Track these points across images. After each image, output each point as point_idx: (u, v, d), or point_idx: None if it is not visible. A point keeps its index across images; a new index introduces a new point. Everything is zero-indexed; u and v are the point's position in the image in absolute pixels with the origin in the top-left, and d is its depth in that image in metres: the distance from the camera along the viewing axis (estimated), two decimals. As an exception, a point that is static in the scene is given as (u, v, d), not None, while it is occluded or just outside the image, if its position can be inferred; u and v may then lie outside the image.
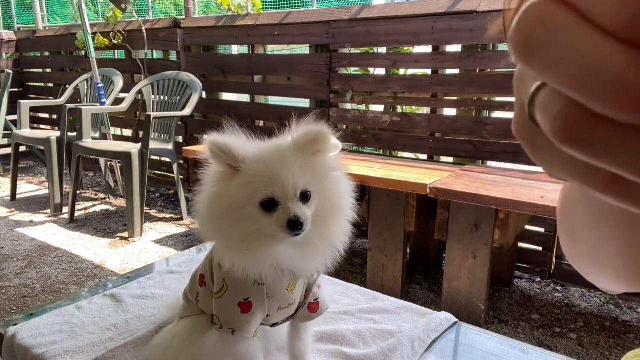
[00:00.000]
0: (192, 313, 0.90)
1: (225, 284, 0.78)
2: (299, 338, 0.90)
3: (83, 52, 4.37)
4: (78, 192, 3.48)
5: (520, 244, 2.46)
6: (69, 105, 3.38)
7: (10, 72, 4.19)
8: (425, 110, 2.76)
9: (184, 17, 3.66)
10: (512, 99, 2.27)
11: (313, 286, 0.83)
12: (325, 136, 0.71)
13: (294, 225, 0.66)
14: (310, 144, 0.71)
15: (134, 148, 2.92)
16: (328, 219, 0.73)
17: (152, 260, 2.69)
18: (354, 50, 2.87)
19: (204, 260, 0.88)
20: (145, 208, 3.28)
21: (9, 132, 4.07)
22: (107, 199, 3.88)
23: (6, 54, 5.12)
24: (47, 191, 3.89)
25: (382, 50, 2.81)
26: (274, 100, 3.51)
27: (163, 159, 3.75)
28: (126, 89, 3.69)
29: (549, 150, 0.17)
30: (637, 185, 0.15)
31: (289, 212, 0.67)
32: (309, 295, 0.83)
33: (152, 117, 2.95)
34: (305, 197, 0.70)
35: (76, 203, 3.39)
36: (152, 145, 3.05)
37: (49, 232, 3.12)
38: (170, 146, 3.27)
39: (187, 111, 3.18)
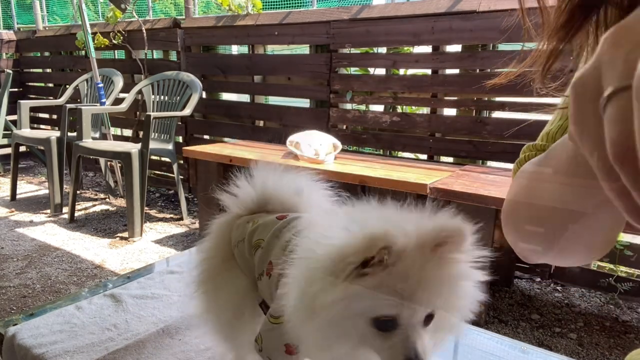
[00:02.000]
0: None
1: None
2: None
3: (83, 52, 4.37)
4: (78, 192, 3.48)
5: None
6: (69, 105, 3.38)
7: (10, 72, 4.19)
8: (425, 110, 2.76)
9: (184, 17, 3.66)
10: (511, 99, 2.24)
11: None
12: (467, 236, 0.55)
13: None
14: (450, 246, 0.54)
15: (134, 148, 2.92)
16: (434, 335, 0.56)
17: (152, 260, 2.69)
18: (354, 50, 2.87)
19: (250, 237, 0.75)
20: (145, 208, 3.28)
21: (9, 132, 4.07)
22: (107, 199, 3.88)
23: (6, 54, 5.12)
24: (47, 191, 3.89)
25: (382, 50, 2.81)
26: (274, 100, 3.51)
27: (163, 159, 3.75)
28: (126, 89, 3.70)
29: None
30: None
31: (409, 347, 0.52)
32: None
33: (152, 117, 2.95)
34: (428, 319, 0.54)
35: (76, 203, 3.39)
36: (152, 145, 3.06)
37: (49, 232, 3.12)
38: (170, 146, 3.27)
39: (187, 111, 3.19)
